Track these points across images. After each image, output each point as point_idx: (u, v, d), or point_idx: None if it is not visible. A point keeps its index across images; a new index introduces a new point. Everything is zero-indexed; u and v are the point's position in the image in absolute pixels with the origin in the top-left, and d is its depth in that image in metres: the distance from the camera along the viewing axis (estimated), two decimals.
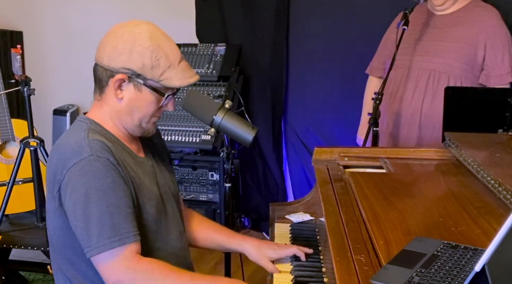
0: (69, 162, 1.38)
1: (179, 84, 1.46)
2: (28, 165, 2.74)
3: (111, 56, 1.43)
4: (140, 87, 1.45)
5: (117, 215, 1.37)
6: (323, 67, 3.58)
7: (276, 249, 1.70)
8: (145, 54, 1.42)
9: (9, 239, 2.87)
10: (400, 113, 2.64)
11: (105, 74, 1.46)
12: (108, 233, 1.36)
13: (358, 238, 1.35)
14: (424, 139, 2.61)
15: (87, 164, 1.37)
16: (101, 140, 1.42)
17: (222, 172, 3.51)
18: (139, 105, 1.47)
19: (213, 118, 1.67)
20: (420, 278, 1.08)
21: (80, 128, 1.46)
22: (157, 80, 1.44)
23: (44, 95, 4.13)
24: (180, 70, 1.46)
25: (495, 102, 2.23)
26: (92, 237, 1.36)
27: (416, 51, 2.61)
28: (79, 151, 1.39)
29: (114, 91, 1.46)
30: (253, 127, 1.67)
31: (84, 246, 1.38)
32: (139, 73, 1.43)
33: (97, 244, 1.36)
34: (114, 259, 1.37)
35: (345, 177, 1.84)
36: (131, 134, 1.54)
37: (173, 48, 1.48)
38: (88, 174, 1.37)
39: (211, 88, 3.57)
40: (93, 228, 1.36)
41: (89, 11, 4.18)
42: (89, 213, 1.36)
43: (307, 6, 3.58)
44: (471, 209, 1.45)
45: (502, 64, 2.54)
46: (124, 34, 1.44)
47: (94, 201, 1.36)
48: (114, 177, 1.39)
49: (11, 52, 2.65)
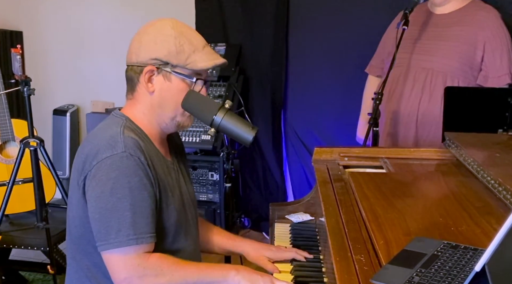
0: (101, 155, 1.38)
1: (205, 65, 1.48)
2: (28, 165, 2.74)
3: (138, 51, 1.47)
4: (169, 76, 1.47)
5: (139, 214, 1.38)
6: (323, 67, 3.59)
7: (274, 251, 1.72)
8: (169, 41, 1.45)
9: (9, 239, 2.87)
10: (397, 112, 2.65)
11: (135, 71, 1.48)
12: (127, 230, 1.36)
13: (358, 238, 1.35)
14: (421, 138, 2.61)
15: (118, 159, 1.38)
16: (135, 138, 1.42)
17: (222, 172, 3.51)
18: (170, 95, 1.49)
19: (213, 118, 1.67)
20: (420, 278, 1.08)
21: (116, 123, 1.46)
22: (184, 65, 1.46)
23: (44, 95, 4.13)
24: (205, 53, 1.49)
25: (495, 102, 2.23)
26: (110, 231, 1.36)
27: (415, 50, 2.62)
28: (113, 145, 1.39)
29: (146, 85, 1.47)
30: (253, 127, 1.67)
31: (100, 239, 1.38)
32: (166, 61, 1.45)
33: (114, 240, 1.36)
34: (126, 256, 1.38)
35: (345, 177, 1.84)
36: (164, 133, 1.55)
37: (196, 35, 1.51)
38: (118, 170, 1.37)
39: (211, 88, 3.57)
40: (113, 223, 1.36)
41: (89, 11, 4.18)
42: (111, 208, 1.36)
43: (307, 6, 3.59)
44: (471, 209, 1.44)
45: (501, 65, 2.53)
46: (148, 29, 1.48)
47: (119, 197, 1.36)
48: (142, 176, 1.39)
49: (11, 52, 2.64)
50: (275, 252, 1.71)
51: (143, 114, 1.51)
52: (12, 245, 2.94)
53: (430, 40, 2.62)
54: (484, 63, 2.55)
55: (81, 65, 4.29)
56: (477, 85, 2.58)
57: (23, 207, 3.02)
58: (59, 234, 2.90)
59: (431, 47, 2.61)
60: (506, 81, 2.55)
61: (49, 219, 2.77)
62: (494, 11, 2.59)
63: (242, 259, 1.90)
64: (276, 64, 3.69)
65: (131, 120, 1.49)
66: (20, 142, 2.74)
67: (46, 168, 2.84)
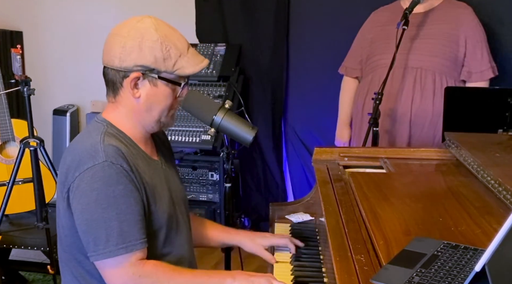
0: (83, 166, 1.37)
1: (192, 71, 1.46)
2: (28, 165, 2.74)
3: (122, 56, 1.42)
4: (155, 82, 1.44)
5: (126, 222, 1.37)
6: (323, 67, 3.58)
7: (268, 237, 1.78)
8: (155, 47, 1.41)
9: (9, 239, 2.87)
10: (389, 112, 2.64)
11: (118, 76, 1.45)
12: (115, 240, 1.36)
13: (358, 238, 1.35)
14: (414, 137, 2.62)
15: (100, 169, 1.36)
16: (116, 146, 1.41)
17: (222, 172, 3.51)
18: (157, 100, 1.46)
19: (213, 118, 1.67)
20: (420, 278, 1.08)
21: (97, 130, 1.44)
22: (171, 71, 1.44)
23: (44, 95, 4.13)
24: (190, 57, 1.46)
25: (495, 102, 2.23)
26: (99, 242, 1.36)
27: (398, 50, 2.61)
28: (93, 155, 1.38)
29: (131, 91, 1.44)
30: (253, 127, 1.67)
31: (89, 250, 1.38)
32: (153, 67, 1.42)
33: (104, 250, 1.36)
34: (119, 266, 1.38)
35: (345, 177, 1.84)
36: (147, 133, 1.54)
37: (179, 36, 1.48)
38: (101, 180, 1.36)
39: (211, 88, 3.57)
40: (101, 234, 1.36)
41: (89, 11, 4.18)
42: (97, 219, 1.36)
43: (307, 6, 3.59)
44: (471, 209, 1.45)
45: (482, 60, 2.57)
46: (130, 32, 1.42)
47: (104, 207, 1.36)
48: (126, 183, 1.38)
49: (11, 52, 2.64)
50: (269, 238, 1.78)
51: (126, 118, 1.48)
52: (12, 245, 2.94)
53: (412, 39, 2.62)
54: (467, 59, 2.59)
55: (81, 65, 4.29)
56: (462, 82, 2.60)
57: (23, 207, 3.02)
58: None
59: (415, 46, 2.61)
60: (489, 75, 2.58)
61: (49, 219, 2.77)
62: (469, 7, 2.66)
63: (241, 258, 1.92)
64: (276, 64, 3.69)
65: (112, 125, 1.47)
66: (20, 142, 2.74)
67: (46, 168, 2.84)
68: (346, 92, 2.97)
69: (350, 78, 2.95)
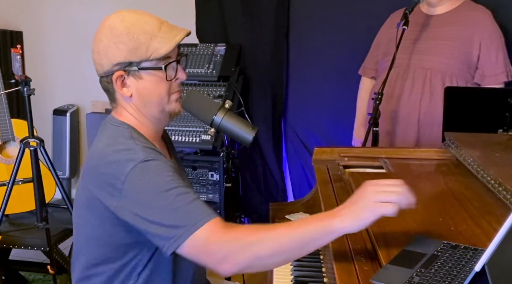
0: (126, 168, 1.32)
1: (167, 48, 1.38)
2: (28, 165, 2.74)
3: (100, 61, 1.41)
4: (138, 74, 1.41)
5: (190, 200, 1.30)
6: (323, 67, 3.58)
7: None
8: (122, 41, 1.38)
9: (9, 239, 2.87)
10: (397, 112, 2.65)
11: (107, 82, 1.44)
12: (195, 212, 1.28)
13: (358, 238, 1.35)
14: (423, 138, 2.62)
15: (145, 165, 1.32)
16: (150, 147, 1.39)
17: (222, 172, 3.51)
18: (149, 92, 1.43)
19: (213, 118, 1.68)
20: (420, 278, 1.08)
21: (122, 135, 1.41)
22: (147, 58, 1.39)
23: (44, 95, 4.13)
24: (163, 36, 1.39)
25: (495, 102, 2.23)
26: (176, 225, 1.27)
27: (410, 50, 2.62)
28: (132, 158, 1.33)
29: (121, 91, 1.42)
30: (253, 127, 1.67)
31: (168, 238, 1.28)
32: (129, 61, 1.39)
33: (184, 230, 1.26)
34: (206, 238, 1.26)
35: (345, 177, 1.84)
36: (160, 130, 1.51)
37: (147, 19, 1.42)
38: (150, 172, 1.32)
39: (211, 88, 3.56)
40: (178, 213, 1.28)
41: (89, 11, 4.18)
42: (167, 203, 1.29)
43: (307, 6, 3.58)
44: (471, 209, 1.45)
45: (496, 63, 2.56)
46: (100, 35, 1.41)
47: (167, 189, 1.30)
48: (173, 171, 1.35)
49: (11, 52, 2.64)
50: None
51: (134, 119, 1.46)
52: (12, 245, 2.94)
53: (427, 40, 2.63)
54: (480, 62, 2.57)
55: (81, 65, 4.29)
56: (475, 84, 2.60)
57: (23, 207, 3.02)
58: (59, 234, 2.90)
59: (428, 47, 2.61)
60: (503, 79, 2.58)
61: (49, 219, 2.77)
62: (487, 11, 2.63)
63: None
64: (276, 64, 3.69)
65: (132, 127, 1.44)
66: (20, 142, 2.74)
67: (46, 168, 2.84)
68: (363, 92, 2.97)
69: (367, 79, 2.95)
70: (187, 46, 3.73)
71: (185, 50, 3.69)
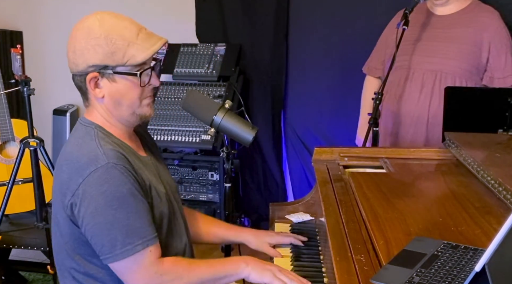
0: (85, 171, 1.36)
1: (144, 57, 1.40)
2: (28, 165, 2.74)
3: (75, 60, 1.43)
4: (112, 77, 1.42)
5: (138, 220, 1.38)
6: (323, 67, 3.58)
7: (273, 236, 1.80)
8: (100, 44, 1.39)
9: (9, 239, 2.88)
10: (404, 114, 2.63)
11: (80, 80, 1.45)
12: (131, 238, 1.36)
13: (358, 238, 1.35)
14: (432, 140, 2.60)
15: (104, 171, 1.35)
16: (115, 149, 1.41)
17: (222, 172, 3.51)
18: (121, 95, 1.44)
19: (213, 118, 1.67)
20: (420, 278, 1.08)
21: (89, 136, 1.44)
22: (123, 64, 1.40)
23: (44, 95, 4.13)
24: (140, 43, 1.41)
25: (495, 102, 2.23)
26: (115, 243, 1.36)
27: (417, 51, 2.61)
28: (95, 159, 1.37)
29: (93, 92, 1.44)
30: (253, 127, 1.67)
31: (104, 253, 1.37)
32: (104, 64, 1.40)
33: (121, 250, 1.36)
34: (140, 265, 1.38)
35: (345, 177, 1.84)
36: (129, 128, 1.53)
37: (127, 25, 1.43)
38: (107, 182, 1.35)
39: (211, 88, 3.56)
40: (116, 235, 1.36)
41: (89, 11, 4.16)
42: (111, 220, 1.35)
43: (307, 6, 3.58)
44: (471, 209, 1.45)
45: (506, 65, 2.54)
46: (77, 35, 1.43)
47: (115, 208, 1.35)
48: (132, 182, 1.38)
49: (11, 52, 2.65)
50: (275, 236, 1.80)
51: (104, 119, 1.48)
52: (12, 245, 2.94)
53: (434, 42, 2.60)
54: (489, 64, 2.56)
55: None
56: (483, 86, 2.58)
57: (23, 207, 3.02)
58: None
59: (436, 49, 2.59)
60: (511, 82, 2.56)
61: (49, 219, 2.77)
62: (495, 12, 2.60)
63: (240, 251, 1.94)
64: (276, 64, 3.69)
65: (100, 127, 1.47)
66: (20, 142, 2.74)
67: (46, 168, 2.84)
68: (368, 91, 2.95)
69: (372, 78, 2.93)
70: (187, 46, 3.73)
71: (186, 51, 3.69)
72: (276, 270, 1.47)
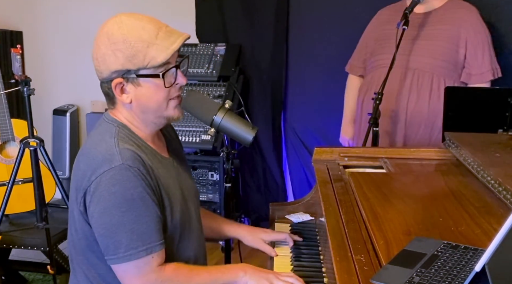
0: (99, 169, 1.36)
1: (163, 58, 1.38)
2: (28, 165, 2.74)
3: (98, 67, 1.42)
4: (137, 81, 1.41)
5: (145, 225, 1.37)
6: (323, 67, 3.58)
7: (269, 233, 1.82)
8: (120, 48, 1.37)
9: (9, 239, 2.87)
10: (385, 112, 2.64)
11: (107, 87, 1.45)
12: (135, 242, 1.36)
13: (358, 238, 1.35)
14: (409, 138, 2.62)
15: (118, 172, 1.35)
16: (132, 149, 1.40)
17: (222, 172, 3.51)
18: (147, 98, 1.43)
19: (213, 118, 1.68)
20: (420, 278, 1.08)
21: (109, 133, 1.43)
22: (145, 66, 1.38)
23: (44, 95, 4.13)
24: (160, 43, 1.38)
25: (495, 102, 2.23)
26: (119, 246, 1.36)
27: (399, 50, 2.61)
28: (110, 159, 1.36)
29: (121, 98, 1.43)
30: (253, 127, 1.67)
31: (109, 254, 1.38)
32: (127, 69, 1.39)
33: (125, 253, 1.36)
34: (141, 271, 1.39)
35: (345, 177, 1.84)
36: (156, 131, 1.52)
37: (145, 25, 1.40)
38: (118, 183, 1.35)
39: (211, 88, 3.57)
40: (121, 237, 1.36)
41: (89, 11, 4.18)
42: (117, 222, 1.35)
43: (307, 6, 3.58)
44: (471, 209, 1.44)
45: (483, 61, 2.56)
46: (99, 42, 1.41)
47: (123, 210, 1.35)
48: (144, 186, 1.37)
49: (11, 52, 2.64)
50: (270, 233, 1.82)
51: (129, 122, 1.48)
52: (12, 245, 2.94)
53: (413, 40, 2.61)
54: (467, 60, 2.57)
55: (81, 65, 4.29)
56: (462, 83, 2.60)
57: (23, 207, 3.02)
58: (59, 234, 2.90)
59: (415, 47, 2.60)
60: (489, 77, 2.58)
61: (49, 219, 2.77)
62: (473, 8, 2.62)
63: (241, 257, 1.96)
64: (276, 64, 3.69)
65: (123, 125, 1.46)
66: (20, 142, 2.73)
67: (46, 168, 2.83)
68: (350, 90, 2.97)
69: (354, 77, 2.95)
70: (187, 46, 3.73)
71: (185, 51, 3.69)
72: (273, 278, 1.48)
